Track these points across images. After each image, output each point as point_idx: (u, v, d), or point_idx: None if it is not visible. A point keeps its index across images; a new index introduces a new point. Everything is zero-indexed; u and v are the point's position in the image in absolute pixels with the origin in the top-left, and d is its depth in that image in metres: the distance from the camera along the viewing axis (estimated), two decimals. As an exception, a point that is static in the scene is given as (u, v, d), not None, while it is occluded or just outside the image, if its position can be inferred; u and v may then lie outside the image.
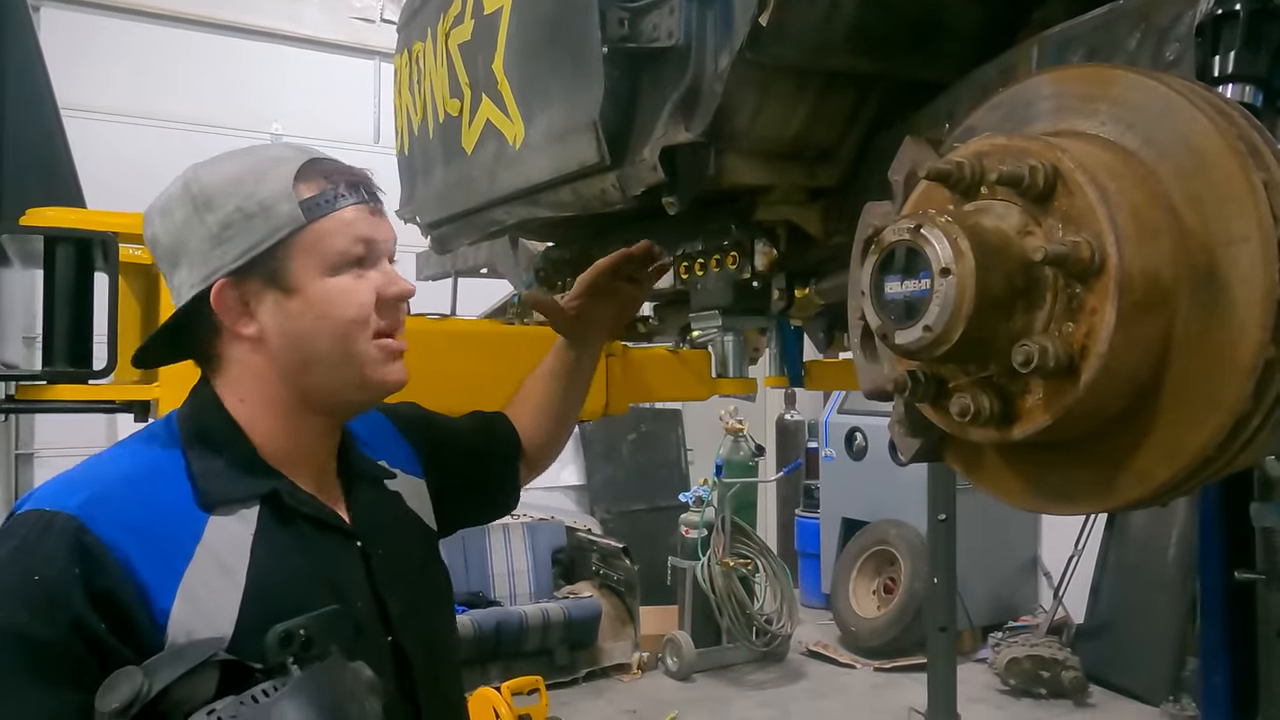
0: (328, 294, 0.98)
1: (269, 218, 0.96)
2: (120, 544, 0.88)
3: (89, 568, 0.87)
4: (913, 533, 5.94)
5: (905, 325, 0.77)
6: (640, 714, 5.07)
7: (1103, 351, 0.72)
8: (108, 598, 0.87)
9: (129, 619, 0.87)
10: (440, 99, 2.21)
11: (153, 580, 0.89)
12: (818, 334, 2.47)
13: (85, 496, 0.91)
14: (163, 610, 0.89)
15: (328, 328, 0.98)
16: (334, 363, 0.99)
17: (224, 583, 0.92)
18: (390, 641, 1.05)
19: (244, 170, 0.98)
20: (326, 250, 0.97)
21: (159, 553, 0.90)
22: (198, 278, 0.97)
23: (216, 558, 0.93)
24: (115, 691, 0.82)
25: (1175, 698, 4.98)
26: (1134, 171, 0.75)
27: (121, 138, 5.28)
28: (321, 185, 0.99)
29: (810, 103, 1.52)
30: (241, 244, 0.96)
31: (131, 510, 0.91)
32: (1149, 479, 0.76)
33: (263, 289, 0.97)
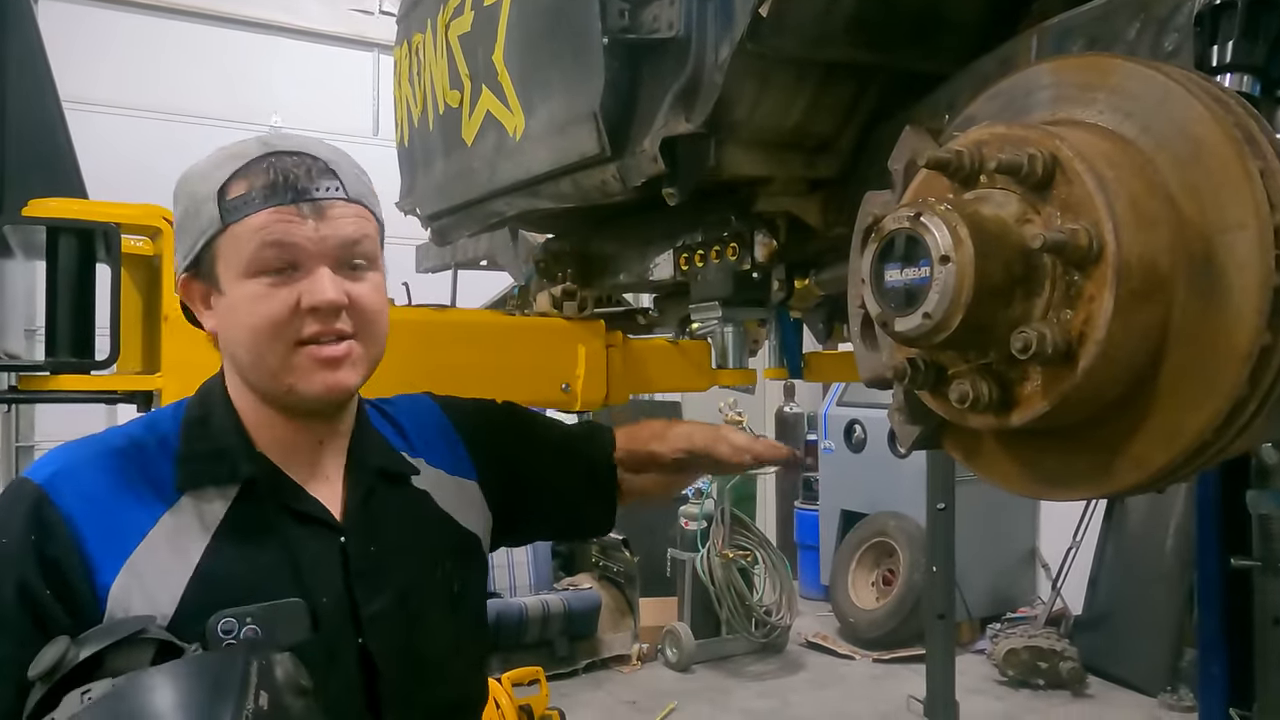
0: (241, 299, 0.96)
1: (198, 218, 0.97)
2: (76, 517, 0.92)
3: (42, 536, 0.91)
4: (912, 524, 5.96)
5: (905, 313, 0.78)
6: (640, 705, 5.09)
7: (1100, 338, 0.72)
8: (55, 566, 0.90)
9: (72, 589, 0.90)
10: (440, 90, 2.22)
11: (99, 554, 0.92)
12: (817, 325, 2.47)
13: (55, 469, 0.95)
14: (104, 585, 0.91)
15: (239, 334, 0.97)
16: (252, 365, 0.98)
17: (173, 563, 0.94)
18: (360, 644, 1.01)
19: (204, 166, 0.99)
20: (239, 254, 0.95)
21: (112, 529, 0.93)
22: (177, 271, 1.01)
23: (171, 539, 0.94)
24: (43, 657, 0.85)
25: (1172, 688, 5.00)
26: (1132, 160, 0.76)
27: (120, 130, 5.27)
28: (247, 185, 0.95)
29: (810, 94, 1.53)
30: (185, 242, 0.99)
31: (95, 485, 0.94)
32: (1146, 464, 0.77)
33: (205, 286, 1.00)
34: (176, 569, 0.93)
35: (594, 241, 2.28)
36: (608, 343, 2.04)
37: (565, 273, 2.18)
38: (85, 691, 0.82)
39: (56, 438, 5.16)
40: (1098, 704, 5.12)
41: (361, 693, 1.01)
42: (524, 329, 1.99)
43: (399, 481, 1.12)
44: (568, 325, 2.03)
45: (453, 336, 1.79)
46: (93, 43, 5.50)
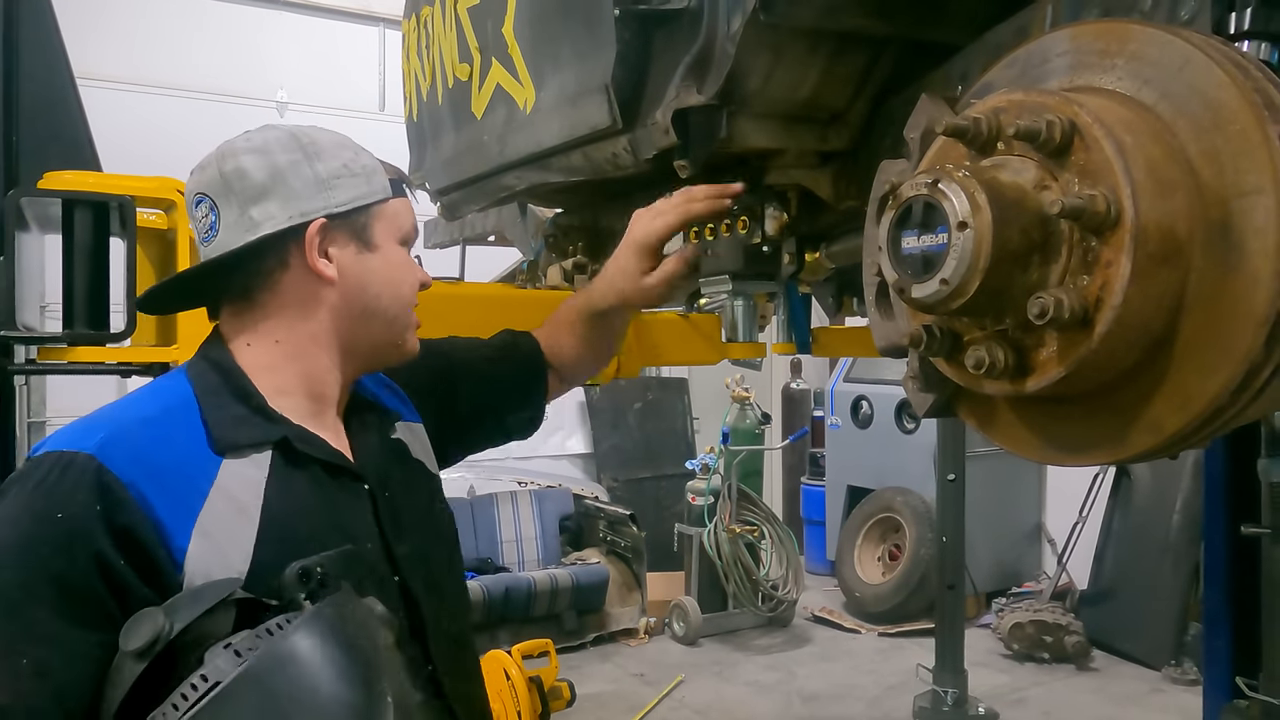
0: (400, 261, 1.12)
1: (370, 181, 1.09)
2: (137, 482, 0.91)
3: (109, 505, 0.89)
4: (918, 500, 5.98)
5: (922, 279, 0.79)
6: (647, 677, 5.14)
7: (1117, 304, 0.73)
8: (127, 535, 0.89)
9: (149, 557, 0.89)
10: (449, 64, 2.21)
11: (169, 519, 0.91)
12: (827, 298, 2.47)
13: (103, 437, 0.93)
14: (180, 549, 0.91)
15: (395, 289, 1.11)
16: (389, 319, 1.11)
17: (239, 523, 0.95)
18: (398, 581, 1.08)
19: (341, 139, 1.10)
20: (401, 225, 1.12)
21: (175, 492, 0.92)
22: (295, 211, 1.04)
23: (231, 498, 0.95)
24: (137, 631, 0.84)
25: (1177, 661, 5.03)
26: (1150, 126, 0.76)
27: (127, 106, 5.26)
28: (394, 173, 1.13)
29: (822, 65, 1.52)
30: (347, 193, 1.06)
31: (147, 451, 0.94)
32: (1160, 429, 0.78)
33: (346, 239, 1.07)
34: (243, 528, 0.95)
35: (604, 216, 2.28)
36: (618, 316, 2.04)
37: (575, 247, 2.19)
38: (226, 645, 0.84)
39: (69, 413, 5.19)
40: (1102, 677, 5.16)
41: (407, 626, 1.07)
42: (536, 302, 1.99)
43: (385, 432, 1.20)
44: (579, 298, 2.03)
45: (464, 309, 1.79)
46: (100, 18, 5.48)
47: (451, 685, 1.12)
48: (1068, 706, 4.78)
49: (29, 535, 0.88)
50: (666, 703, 4.84)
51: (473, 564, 5.49)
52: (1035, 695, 4.92)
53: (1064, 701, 4.84)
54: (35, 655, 0.85)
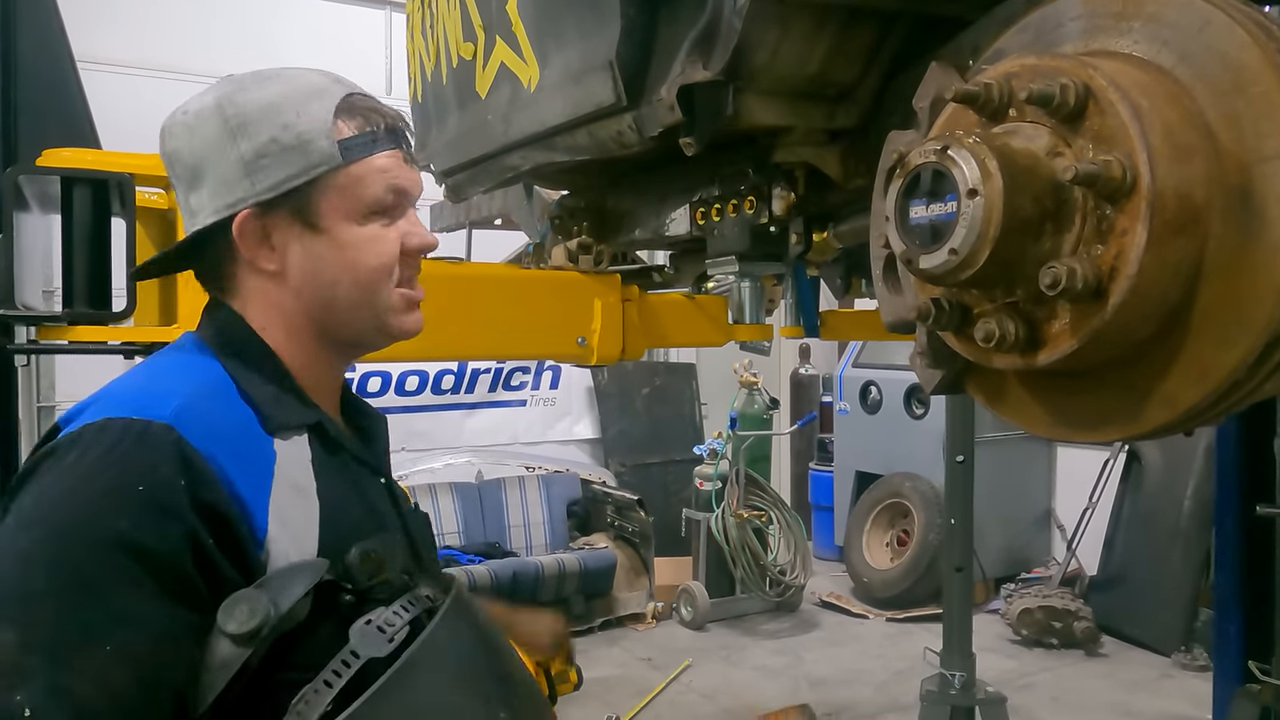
0: (355, 240, 0.95)
1: (305, 153, 0.93)
2: (217, 457, 0.84)
3: (193, 480, 0.82)
4: (927, 485, 5.96)
5: (931, 249, 0.76)
6: (655, 662, 5.14)
7: (1132, 273, 0.71)
8: (213, 512, 0.82)
9: (235, 536, 0.83)
10: (454, 43, 2.19)
11: (250, 497, 0.85)
12: (835, 280, 2.45)
13: (176, 406, 0.85)
14: (261, 529, 0.85)
15: (351, 274, 0.96)
16: (354, 306, 0.97)
17: (304, 505, 0.89)
18: None
19: (282, 97, 0.94)
20: (360, 195, 0.95)
21: (249, 470, 0.86)
22: (221, 204, 0.93)
23: (292, 479, 0.90)
24: (242, 614, 0.79)
25: (1187, 647, 5.01)
26: (1168, 90, 0.74)
27: (130, 90, 5.24)
28: (360, 126, 0.95)
29: (830, 40, 1.49)
30: (274, 176, 0.92)
31: (218, 425, 0.87)
32: (1176, 403, 0.75)
33: (289, 223, 0.94)
34: (307, 509, 0.89)
35: (609, 197, 2.26)
36: (624, 297, 2.03)
37: (580, 227, 2.17)
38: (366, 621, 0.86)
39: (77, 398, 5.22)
40: (1111, 663, 5.14)
41: None
42: (540, 282, 1.98)
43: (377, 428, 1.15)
44: (584, 279, 2.02)
45: (469, 290, 1.78)
46: (108, 2, 5.46)
47: None
48: (1076, 692, 4.76)
49: (103, 509, 0.79)
50: (674, 687, 4.84)
51: (480, 548, 5.49)
52: (1044, 680, 4.90)
53: (1073, 687, 4.83)
54: (119, 639, 0.76)
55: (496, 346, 2.02)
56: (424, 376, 6.25)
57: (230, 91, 0.96)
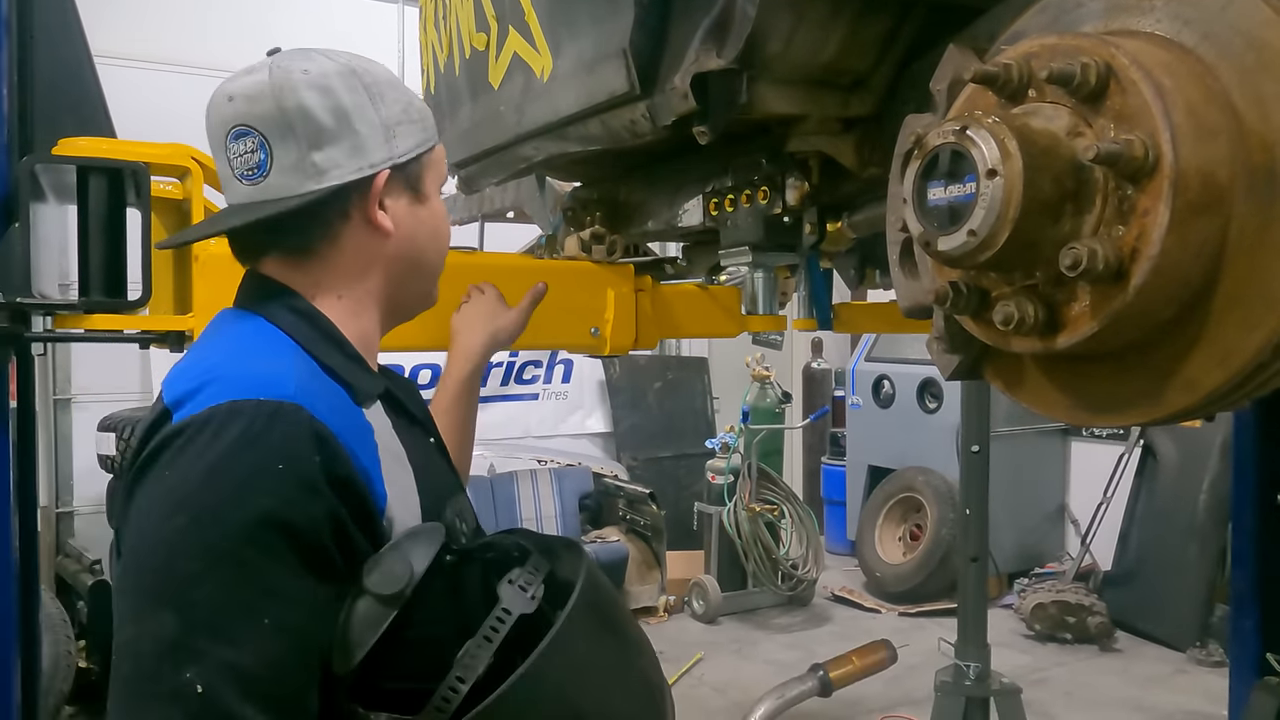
0: (441, 210, 1.08)
1: (425, 126, 1.04)
2: (341, 433, 0.87)
3: (327, 456, 0.85)
4: (940, 479, 5.94)
5: (949, 231, 0.76)
6: (667, 655, 5.14)
7: (1154, 254, 0.70)
8: (347, 486, 0.86)
9: (366, 508, 0.87)
10: (466, 34, 2.18)
11: (371, 469, 0.89)
12: (849, 270, 2.44)
13: (296, 386, 0.88)
14: (381, 497, 0.89)
15: (437, 241, 1.08)
16: (430, 271, 1.08)
17: (403, 471, 0.94)
18: None
19: (386, 74, 1.03)
20: (442, 172, 1.08)
21: (362, 442, 0.90)
22: (364, 163, 0.98)
23: (388, 447, 0.94)
24: (389, 576, 0.84)
25: (1202, 643, 4.98)
26: (1191, 68, 0.73)
27: (143, 84, 5.26)
28: None
29: (845, 27, 1.49)
30: (409, 141, 1.01)
31: (328, 401, 0.90)
32: (1197, 387, 0.75)
33: (402, 189, 1.02)
34: (406, 475, 0.94)
35: (622, 188, 2.26)
36: (637, 287, 2.02)
37: (593, 217, 2.16)
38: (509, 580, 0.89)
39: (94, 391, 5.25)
40: (1125, 658, 5.11)
41: None
42: (552, 272, 1.98)
43: None
44: (596, 269, 2.02)
45: (482, 279, 1.77)
46: (117, -3, 5.49)
47: None
48: (1090, 687, 4.74)
49: (249, 488, 0.82)
50: (686, 680, 4.84)
51: (493, 542, 5.50)
52: (1057, 675, 4.89)
53: (1086, 682, 4.81)
54: (275, 613, 0.81)
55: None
56: (436, 370, 6.26)
57: (353, 62, 1.01)
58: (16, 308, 1.45)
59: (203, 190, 1.60)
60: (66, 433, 5.18)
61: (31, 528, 1.80)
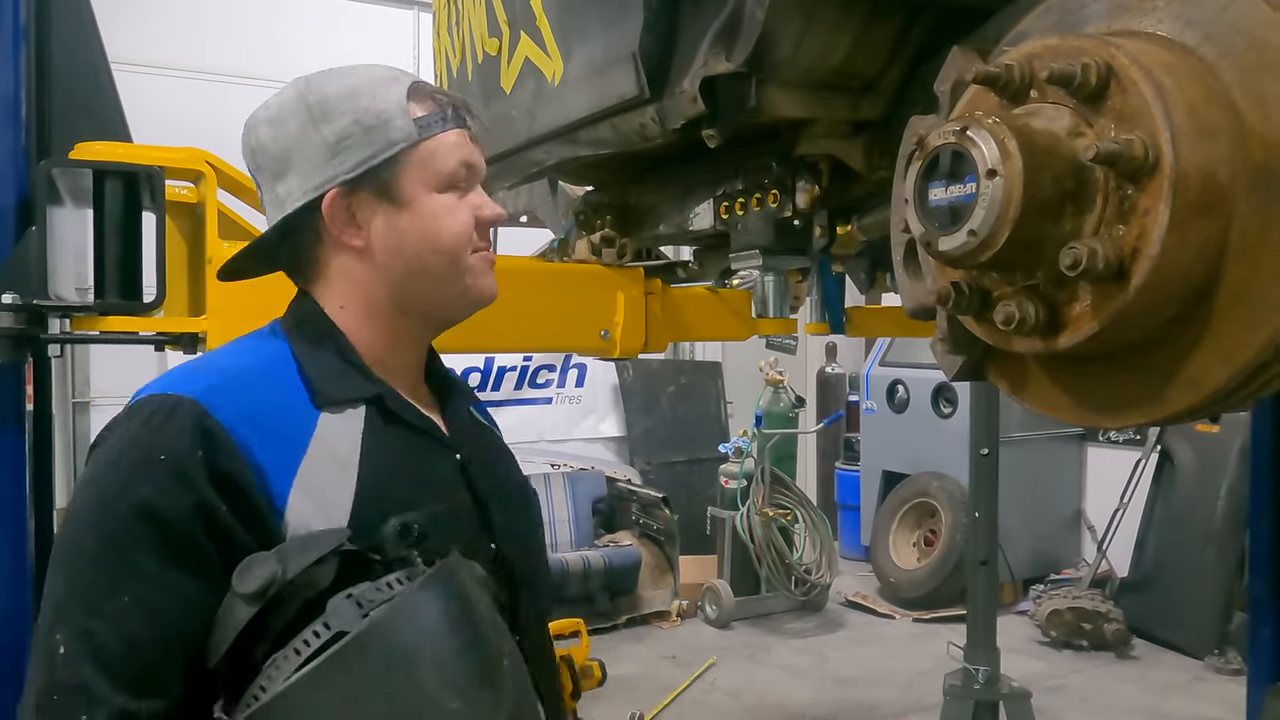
0: (435, 210, 1.02)
1: (386, 131, 0.99)
2: (240, 429, 0.90)
3: (211, 450, 0.88)
4: (954, 485, 5.91)
5: (950, 231, 0.76)
6: (679, 659, 5.14)
7: (1154, 254, 0.70)
8: (229, 481, 0.88)
9: (250, 504, 0.89)
10: (479, 39, 2.20)
11: (271, 467, 0.90)
12: (859, 274, 2.44)
13: (206, 384, 0.93)
14: (281, 497, 0.90)
15: (434, 242, 1.02)
16: (440, 274, 1.03)
17: (339, 475, 0.94)
18: (494, 550, 1.06)
19: (359, 84, 1.01)
20: (437, 168, 1.01)
21: (277, 441, 0.92)
22: (310, 186, 0.99)
23: (330, 451, 0.94)
24: (251, 575, 0.84)
25: (1220, 651, 4.93)
26: (1192, 69, 0.73)
27: (161, 91, 5.31)
28: (430, 107, 1.02)
29: (855, 30, 1.49)
30: (357, 155, 0.99)
31: (250, 400, 0.93)
32: (1200, 386, 0.74)
33: (373, 201, 1.00)
34: (342, 481, 0.94)
35: (633, 193, 2.26)
36: (647, 290, 2.03)
37: (604, 220, 2.17)
38: (347, 595, 0.85)
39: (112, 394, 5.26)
40: (1142, 665, 5.07)
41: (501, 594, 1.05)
42: (563, 275, 1.99)
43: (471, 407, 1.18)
44: (607, 272, 2.03)
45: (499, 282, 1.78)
46: (133, 3, 5.54)
47: (534, 661, 1.08)
48: (1107, 694, 4.70)
49: (131, 476, 0.88)
50: (698, 685, 4.83)
51: (506, 545, 5.52)
52: (1073, 682, 4.85)
53: (1103, 689, 4.77)
54: (137, 593, 0.85)
55: (520, 339, 2.03)
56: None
57: (309, 84, 1.03)
58: (33, 310, 1.47)
59: (216, 194, 1.62)
60: (85, 435, 5.24)
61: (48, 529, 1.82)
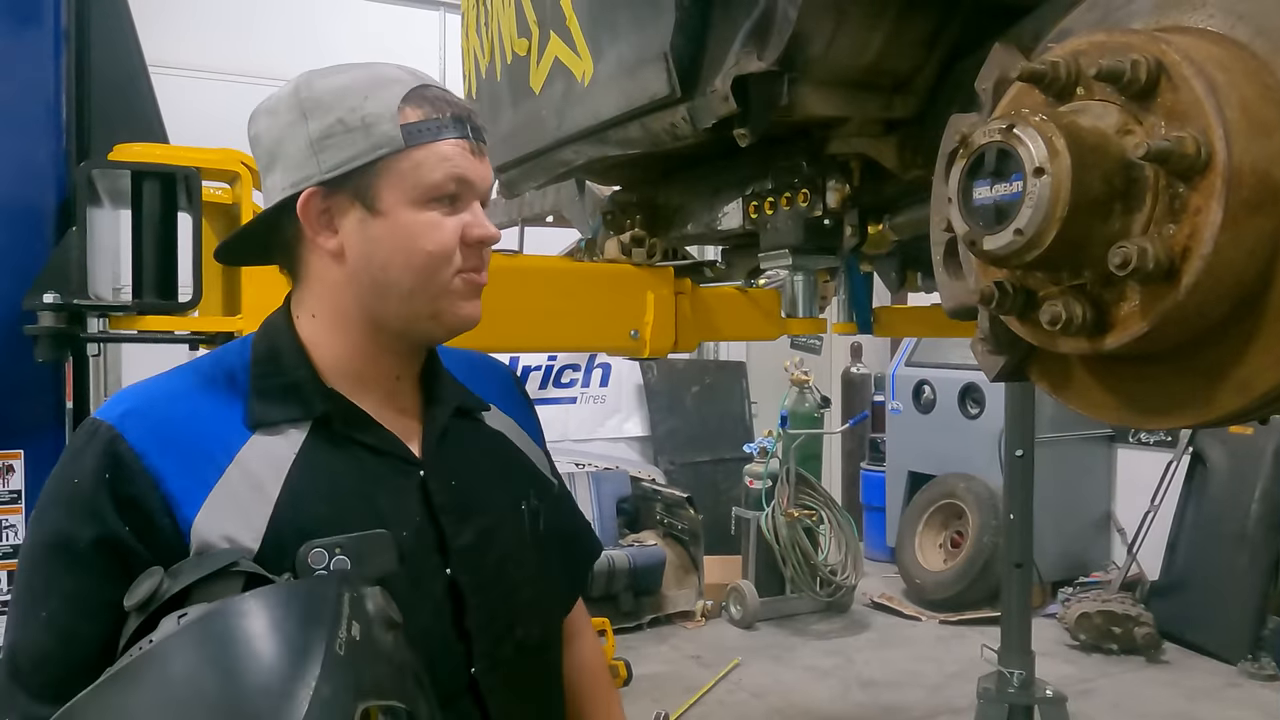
0: (412, 224, 0.96)
1: (369, 135, 0.95)
2: (150, 454, 0.92)
3: (117, 474, 0.91)
4: (981, 486, 5.86)
5: (995, 230, 0.75)
6: (704, 659, 5.13)
7: (1206, 253, 0.69)
8: (132, 504, 0.91)
9: (153, 525, 0.91)
10: (508, 39, 2.21)
11: (179, 490, 0.91)
12: (889, 274, 2.42)
13: (126, 409, 0.95)
14: (186, 520, 0.91)
15: (405, 258, 0.96)
16: (408, 291, 0.97)
17: (253, 498, 0.93)
18: (448, 575, 1.01)
19: (354, 83, 0.97)
20: (420, 180, 0.95)
21: (189, 465, 0.93)
22: (288, 182, 0.97)
23: (249, 474, 0.94)
24: (137, 589, 0.87)
25: (1254, 656, 4.86)
26: (1245, 64, 0.71)
27: (191, 93, 5.37)
28: (426, 113, 0.96)
29: (888, 28, 1.48)
30: (337, 155, 0.95)
31: (167, 424, 0.94)
32: (1250, 388, 0.73)
33: (349, 205, 0.96)
34: (256, 503, 0.93)
35: (661, 192, 2.26)
36: (676, 289, 2.03)
37: (633, 220, 2.17)
38: (181, 615, 0.83)
39: (142, 392, 5.29)
40: (1174, 670, 5.00)
41: (452, 624, 1.01)
42: (593, 275, 1.99)
43: (473, 417, 1.12)
44: (637, 271, 2.03)
45: (522, 282, 1.79)
46: (165, 6, 5.61)
47: (502, 696, 1.03)
48: (1137, 699, 4.65)
49: (52, 498, 0.94)
50: (723, 685, 4.82)
51: (531, 544, 5.53)
52: (1103, 686, 4.80)
53: (1133, 693, 4.71)
54: (50, 610, 0.91)
55: (550, 338, 2.03)
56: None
57: (308, 77, 1.00)
58: (74, 309, 1.49)
59: (252, 195, 1.64)
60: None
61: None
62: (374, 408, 1.02)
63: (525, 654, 1.07)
